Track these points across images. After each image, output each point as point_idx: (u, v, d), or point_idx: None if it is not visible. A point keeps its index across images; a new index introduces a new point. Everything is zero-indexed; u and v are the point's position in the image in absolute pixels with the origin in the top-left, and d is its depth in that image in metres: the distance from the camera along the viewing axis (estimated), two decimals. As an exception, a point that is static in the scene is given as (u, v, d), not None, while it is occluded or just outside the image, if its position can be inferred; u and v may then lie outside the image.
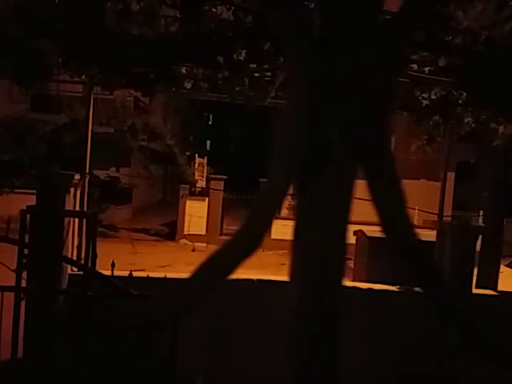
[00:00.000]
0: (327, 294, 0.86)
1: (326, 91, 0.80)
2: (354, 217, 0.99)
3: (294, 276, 0.88)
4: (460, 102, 5.26)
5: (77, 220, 6.24)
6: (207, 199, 17.00)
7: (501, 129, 6.02)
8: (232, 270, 0.81)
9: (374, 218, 1.15)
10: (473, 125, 5.93)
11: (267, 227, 0.80)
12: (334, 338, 0.89)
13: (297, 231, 0.87)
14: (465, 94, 5.01)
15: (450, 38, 3.77)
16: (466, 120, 5.80)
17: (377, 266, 7.86)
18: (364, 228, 9.16)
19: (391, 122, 0.92)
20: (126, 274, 4.95)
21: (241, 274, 5.88)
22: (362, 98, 0.82)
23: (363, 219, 6.15)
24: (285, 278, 0.98)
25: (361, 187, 1.26)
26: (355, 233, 9.52)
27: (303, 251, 0.87)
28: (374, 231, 10.00)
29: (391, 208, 0.84)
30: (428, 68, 4.34)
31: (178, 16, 4.44)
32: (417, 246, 0.84)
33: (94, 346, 0.88)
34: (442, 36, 3.75)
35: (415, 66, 4.42)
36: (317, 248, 0.85)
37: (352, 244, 9.67)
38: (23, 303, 4.66)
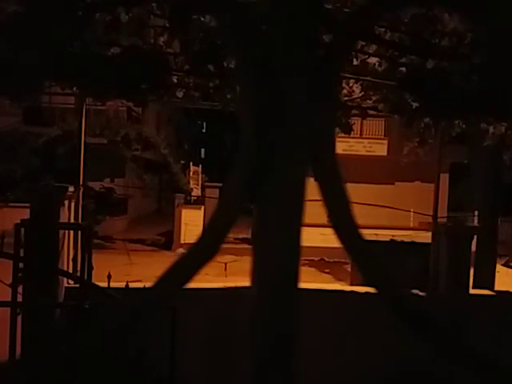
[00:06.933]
0: (282, 297, 0.89)
1: (270, 110, 0.84)
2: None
3: (253, 280, 0.91)
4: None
5: (72, 232, 6.22)
6: (203, 207, 16.96)
7: (491, 129, 6.05)
8: (190, 278, 0.83)
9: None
10: (463, 126, 5.97)
11: (224, 236, 0.83)
12: (289, 341, 0.91)
13: (254, 236, 0.91)
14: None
15: (437, 40, 3.80)
16: (456, 121, 5.84)
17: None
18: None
19: (334, 133, 0.97)
20: (123, 285, 4.94)
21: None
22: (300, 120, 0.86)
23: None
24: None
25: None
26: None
27: (260, 255, 0.90)
28: (370, 234, 9.98)
29: (337, 209, 0.86)
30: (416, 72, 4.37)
31: (167, 26, 4.46)
32: (362, 245, 0.86)
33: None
34: (428, 39, 3.77)
35: (404, 70, 4.45)
36: (271, 251, 0.88)
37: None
38: (19, 318, 4.64)
